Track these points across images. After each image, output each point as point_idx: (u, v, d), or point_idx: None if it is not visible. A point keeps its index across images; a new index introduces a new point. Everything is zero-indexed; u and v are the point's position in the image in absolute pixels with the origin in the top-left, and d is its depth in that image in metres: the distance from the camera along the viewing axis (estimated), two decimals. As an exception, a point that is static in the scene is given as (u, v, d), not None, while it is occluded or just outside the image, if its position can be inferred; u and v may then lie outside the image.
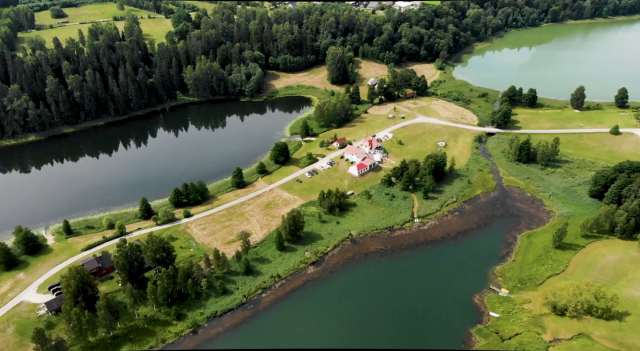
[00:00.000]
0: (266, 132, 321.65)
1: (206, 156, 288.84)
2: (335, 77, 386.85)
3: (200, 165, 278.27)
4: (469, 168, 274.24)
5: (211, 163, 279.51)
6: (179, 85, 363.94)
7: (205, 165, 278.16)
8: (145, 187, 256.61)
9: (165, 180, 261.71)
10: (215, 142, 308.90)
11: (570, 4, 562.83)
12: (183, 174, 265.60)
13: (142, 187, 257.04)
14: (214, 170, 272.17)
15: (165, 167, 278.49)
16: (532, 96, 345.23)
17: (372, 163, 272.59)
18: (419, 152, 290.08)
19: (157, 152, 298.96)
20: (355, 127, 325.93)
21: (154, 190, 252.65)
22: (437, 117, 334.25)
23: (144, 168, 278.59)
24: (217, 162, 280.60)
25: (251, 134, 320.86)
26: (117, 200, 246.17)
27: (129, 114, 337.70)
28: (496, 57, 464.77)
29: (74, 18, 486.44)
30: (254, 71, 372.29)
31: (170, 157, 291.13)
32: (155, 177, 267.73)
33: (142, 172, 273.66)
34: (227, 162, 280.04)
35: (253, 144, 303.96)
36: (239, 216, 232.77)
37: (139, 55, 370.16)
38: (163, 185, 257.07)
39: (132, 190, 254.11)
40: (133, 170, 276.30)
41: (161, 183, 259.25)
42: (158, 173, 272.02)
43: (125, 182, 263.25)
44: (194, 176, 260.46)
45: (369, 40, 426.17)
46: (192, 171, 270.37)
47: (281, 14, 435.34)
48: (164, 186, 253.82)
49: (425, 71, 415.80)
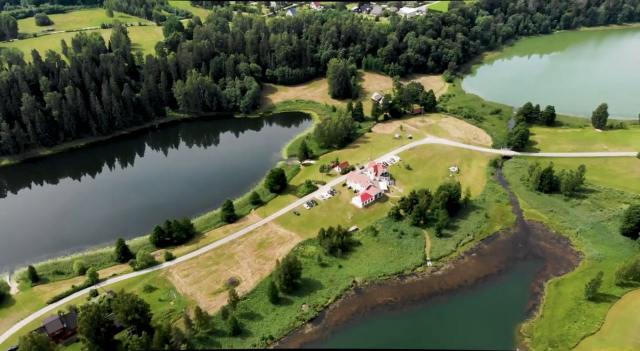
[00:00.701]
0: (262, 154, 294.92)
1: (195, 183, 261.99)
2: (337, 91, 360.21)
3: (187, 194, 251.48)
4: (486, 198, 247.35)
5: (200, 192, 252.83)
6: (169, 100, 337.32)
7: (193, 194, 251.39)
8: (124, 221, 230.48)
9: (147, 212, 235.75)
10: (206, 166, 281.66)
11: (584, 10, 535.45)
12: (168, 205, 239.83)
13: (122, 221, 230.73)
14: (202, 199, 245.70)
15: (148, 196, 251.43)
16: (550, 114, 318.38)
17: (378, 192, 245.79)
18: (429, 179, 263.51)
19: (140, 178, 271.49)
20: (359, 148, 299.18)
21: (135, 225, 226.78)
22: (447, 137, 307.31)
23: (125, 197, 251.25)
24: (207, 190, 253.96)
25: (245, 156, 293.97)
26: (92, 237, 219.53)
27: (113, 133, 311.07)
28: (508, 67, 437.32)
29: (60, 25, 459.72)
30: (249, 85, 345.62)
31: (155, 184, 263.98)
32: (137, 207, 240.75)
33: (123, 202, 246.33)
34: (218, 189, 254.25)
35: (247, 168, 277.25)
36: (227, 258, 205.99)
37: (126, 68, 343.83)
38: (145, 217, 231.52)
39: (109, 225, 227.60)
40: (113, 200, 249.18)
41: (143, 216, 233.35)
42: (140, 203, 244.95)
43: (103, 214, 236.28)
44: (180, 207, 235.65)
45: (373, 51, 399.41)
46: (178, 201, 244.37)
47: (279, 23, 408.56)
48: (146, 219, 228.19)
49: (433, 84, 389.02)
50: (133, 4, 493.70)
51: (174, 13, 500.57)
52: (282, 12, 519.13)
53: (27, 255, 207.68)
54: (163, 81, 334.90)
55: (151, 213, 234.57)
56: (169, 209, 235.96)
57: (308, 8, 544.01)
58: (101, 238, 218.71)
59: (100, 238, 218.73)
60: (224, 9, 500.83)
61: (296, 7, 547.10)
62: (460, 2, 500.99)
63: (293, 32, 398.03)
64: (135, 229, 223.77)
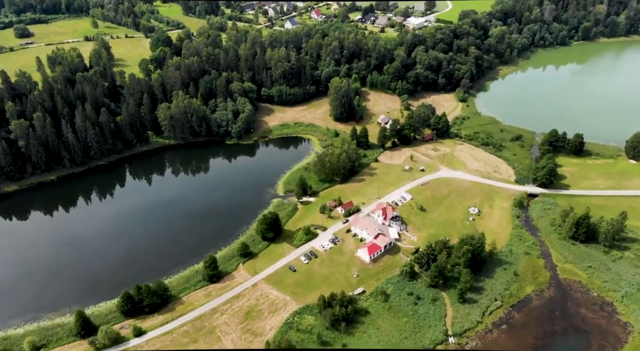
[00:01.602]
0: (254, 189, 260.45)
1: (175, 227, 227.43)
2: (339, 113, 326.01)
3: (166, 242, 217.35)
4: (513, 249, 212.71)
5: (181, 240, 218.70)
6: (152, 125, 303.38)
7: (173, 242, 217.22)
8: (90, 280, 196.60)
9: (118, 267, 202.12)
10: (189, 205, 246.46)
11: (603, 20, 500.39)
12: (142, 258, 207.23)
13: (87, 280, 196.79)
14: (183, 249, 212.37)
15: (121, 245, 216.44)
16: (578, 143, 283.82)
17: (388, 242, 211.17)
18: (446, 223, 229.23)
19: (113, 221, 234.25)
20: (364, 182, 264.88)
21: (102, 284, 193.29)
22: (464, 169, 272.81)
23: (93, 248, 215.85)
24: (189, 238, 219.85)
25: (235, 192, 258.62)
26: (50, 303, 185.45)
27: (88, 164, 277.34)
28: (525, 84, 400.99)
29: (41, 37, 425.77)
30: (242, 108, 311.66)
31: (130, 229, 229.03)
32: (107, 262, 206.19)
33: (91, 255, 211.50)
34: (202, 236, 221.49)
35: (236, 208, 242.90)
36: (207, 334, 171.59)
37: (105, 89, 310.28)
38: (115, 273, 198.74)
39: (72, 285, 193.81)
40: (79, 252, 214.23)
41: (113, 272, 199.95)
42: (112, 255, 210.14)
43: (66, 272, 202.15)
44: (157, 260, 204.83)
45: (379, 68, 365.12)
46: (155, 252, 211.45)
47: (276, 37, 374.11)
48: (116, 277, 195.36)
49: (445, 104, 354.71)
50: (120, 14, 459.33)
51: (164, 23, 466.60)
52: (280, 23, 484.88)
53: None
54: (146, 104, 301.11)
55: (123, 268, 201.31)
56: (143, 263, 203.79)
57: (309, 17, 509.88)
58: (61, 304, 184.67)
59: (59, 304, 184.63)
60: (218, 19, 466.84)
61: (296, 16, 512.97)
62: (472, 12, 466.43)
63: (291, 48, 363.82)
64: (103, 290, 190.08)
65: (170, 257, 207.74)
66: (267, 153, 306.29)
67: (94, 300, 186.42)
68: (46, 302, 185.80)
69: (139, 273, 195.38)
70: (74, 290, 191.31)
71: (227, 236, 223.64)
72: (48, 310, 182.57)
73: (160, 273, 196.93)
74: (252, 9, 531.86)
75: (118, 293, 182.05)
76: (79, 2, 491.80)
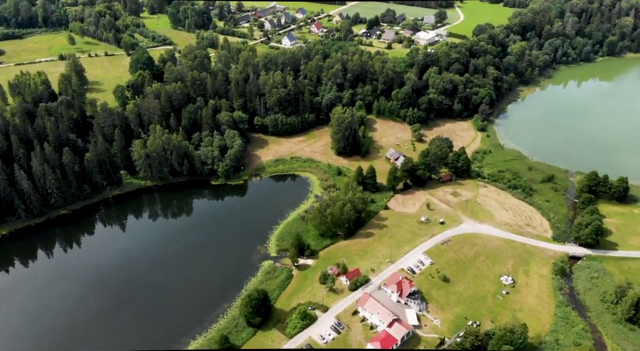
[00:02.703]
0: (242, 246, 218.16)
1: (138, 306, 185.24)
2: (342, 147, 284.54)
3: (127, 330, 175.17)
4: (559, 338, 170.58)
5: (143, 326, 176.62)
6: (126, 163, 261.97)
7: (131, 329, 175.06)
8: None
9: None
10: (161, 274, 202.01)
11: (629, 34, 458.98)
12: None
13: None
14: (145, 340, 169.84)
15: (71, 330, 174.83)
16: (623, 188, 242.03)
17: (406, 333, 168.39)
18: (474, 299, 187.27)
19: (63, 298, 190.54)
20: (373, 237, 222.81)
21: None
22: (491, 221, 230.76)
23: (37, 335, 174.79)
24: (156, 323, 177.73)
25: (218, 253, 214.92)
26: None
27: (48, 214, 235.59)
28: (549, 108, 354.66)
29: (12, 56, 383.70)
30: (231, 143, 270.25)
31: (86, 311, 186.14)
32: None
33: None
34: (172, 320, 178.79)
35: (218, 276, 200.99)
36: None
37: (72, 122, 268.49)
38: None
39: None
40: (19, 340, 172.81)
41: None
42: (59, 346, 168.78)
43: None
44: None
45: (387, 93, 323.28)
46: (105, 340, 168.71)
47: (271, 58, 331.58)
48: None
49: (462, 133, 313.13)
50: (101, 28, 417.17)
51: (149, 38, 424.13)
52: (277, 38, 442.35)
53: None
54: (118, 140, 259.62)
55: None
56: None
57: (308, 31, 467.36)
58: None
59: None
60: (209, 33, 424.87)
61: (294, 30, 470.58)
62: (488, 27, 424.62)
63: (288, 70, 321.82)
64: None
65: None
66: (259, 197, 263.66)
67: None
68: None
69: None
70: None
71: (204, 315, 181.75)
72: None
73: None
74: (247, 21, 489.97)
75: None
76: (57, 15, 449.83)
